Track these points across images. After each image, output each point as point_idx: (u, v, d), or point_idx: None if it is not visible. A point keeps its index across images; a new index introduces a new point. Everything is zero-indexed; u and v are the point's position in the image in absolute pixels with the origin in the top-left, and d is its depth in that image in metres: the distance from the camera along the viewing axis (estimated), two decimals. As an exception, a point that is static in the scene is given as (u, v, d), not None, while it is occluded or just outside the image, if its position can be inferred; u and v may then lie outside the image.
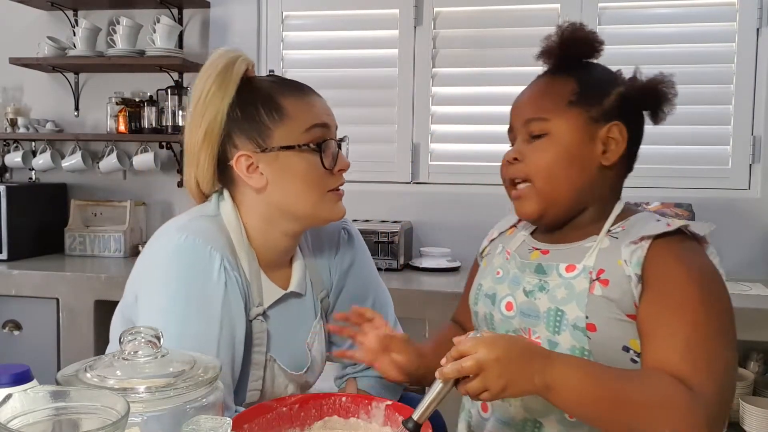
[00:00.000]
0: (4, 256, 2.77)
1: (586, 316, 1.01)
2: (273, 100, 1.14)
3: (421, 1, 2.82)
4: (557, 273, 1.07)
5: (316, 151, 1.13)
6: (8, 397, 0.67)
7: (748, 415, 2.11)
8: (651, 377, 0.93)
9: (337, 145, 1.18)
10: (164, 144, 2.99)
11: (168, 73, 2.96)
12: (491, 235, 1.29)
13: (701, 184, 2.63)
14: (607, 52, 1.14)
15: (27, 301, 2.60)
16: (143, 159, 2.96)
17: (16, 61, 2.91)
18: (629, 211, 1.11)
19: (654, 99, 1.09)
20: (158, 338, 0.83)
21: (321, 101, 1.19)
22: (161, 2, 2.89)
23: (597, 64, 1.14)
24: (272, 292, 1.20)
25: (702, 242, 1.04)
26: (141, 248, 2.90)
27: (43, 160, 3.02)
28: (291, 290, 1.23)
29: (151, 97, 2.97)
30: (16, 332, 2.64)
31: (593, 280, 1.02)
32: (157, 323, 1.00)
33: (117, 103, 2.96)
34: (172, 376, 0.79)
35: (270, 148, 1.13)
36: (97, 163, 3.00)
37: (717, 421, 0.91)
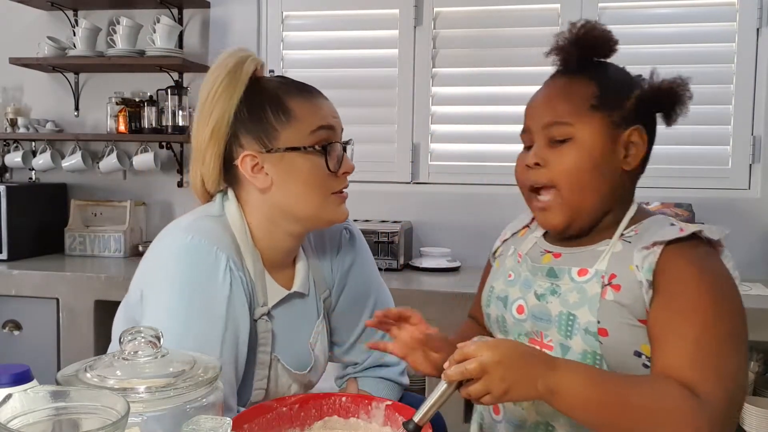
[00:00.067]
0: (4, 256, 2.77)
1: (598, 321, 1.00)
2: (280, 101, 1.14)
3: (421, 1, 2.82)
4: (569, 277, 1.06)
5: (321, 153, 1.14)
6: (8, 397, 0.67)
7: (748, 415, 2.10)
8: (656, 383, 0.93)
9: (342, 147, 1.18)
10: (164, 144, 2.99)
11: (168, 73, 2.96)
12: (504, 235, 1.27)
13: (701, 184, 2.63)
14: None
15: (27, 301, 2.60)
16: (143, 159, 2.96)
17: (16, 61, 2.91)
18: (642, 214, 1.10)
19: (670, 101, 1.07)
20: (158, 338, 0.83)
21: (328, 103, 1.19)
22: (161, 2, 2.89)
23: (612, 64, 1.12)
24: (276, 292, 1.20)
25: (716, 246, 1.03)
26: (141, 248, 2.91)
27: (43, 160, 3.02)
28: (294, 290, 1.23)
29: (151, 97, 2.97)
30: (16, 332, 2.64)
31: (605, 284, 1.02)
32: (162, 322, 1.01)
33: (117, 103, 2.96)
34: (172, 376, 0.79)
35: (275, 148, 1.13)
36: (97, 163, 3.00)
37: (724, 427, 0.90)
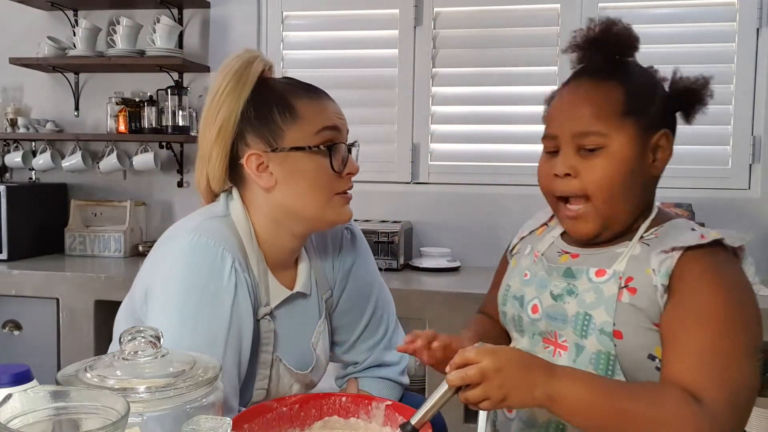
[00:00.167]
0: (4, 256, 2.77)
1: (614, 323, 1.00)
2: (287, 101, 1.15)
3: (421, 1, 2.82)
4: (587, 277, 1.05)
5: (325, 153, 1.14)
6: (8, 397, 0.67)
7: (748, 415, 2.10)
8: (657, 389, 0.93)
9: (347, 148, 1.18)
10: (164, 144, 2.99)
11: (168, 73, 2.96)
12: (522, 232, 1.26)
13: (701, 184, 2.62)
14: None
15: (27, 301, 2.60)
16: (143, 159, 2.95)
17: (16, 61, 2.91)
18: (663, 217, 1.08)
19: (692, 100, 1.06)
20: (158, 338, 0.83)
21: (334, 105, 1.19)
22: (161, 2, 2.89)
23: (635, 63, 1.09)
24: (279, 292, 1.21)
25: (738, 251, 1.02)
26: (141, 248, 2.92)
27: (43, 160, 3.02)
28: (297, 290, 1.23)
29: (151, 97, 2.97)
30: (16, 332, 2.64)
31: (622, 287, 1.01)
32: (166, 322, 1.01)
33: (117, 103, 2.96)
34: (172, 376, 0.79)
35: (281, 148, 1.13)
36: (97, 163, 3.00)
37: None
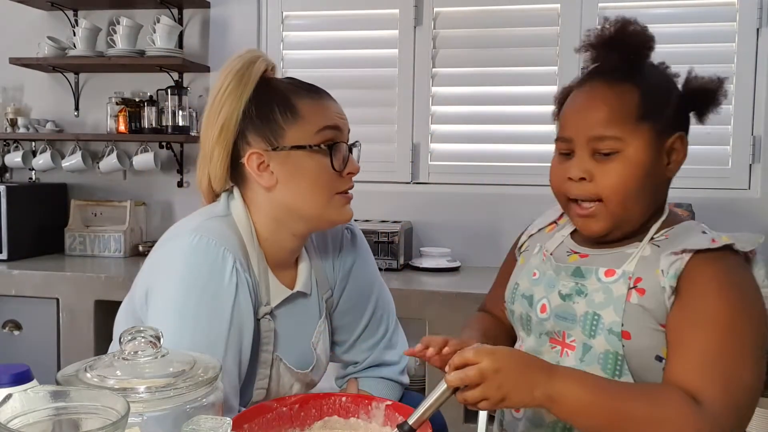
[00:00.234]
0: (4, 256, 2.77)
1: (622, 323, 1.00)
2: (288, 100, 1.15)
3: (421, 1, 2.82)
4: (596, 277, 1.05)
5: (326, 152, 1.14)
6: (8, 397, 0.67)
7: (748, 415, 2.10)
8: (657, 391, 0.93)
9: (348, 148, 1.18)
10: (164, 144, 2.99)
11: (168, 73, 2.96)
12: (530, 230, 1.26)
13: (701, 184, 2.62)
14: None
15: (27, 301, 2.60)
16: (143, 159, 2.95)
17: (16, 61, 2.91)
18: (674, 218, 1.09)
19: (708, 101, 1.07)
20: (158, 338, 0.83)
21: (335, 105, 1.19)
22: (161, 2, 2.89)
23: (650, 64, 1.09)
24: (279, 291, 1.21)
25: (750, 254, 1.02)
26: (141, 248, 2.91)
27: (43, 160, 3.02)
28: (297, 290, 1.23)
29: (151, 97, 2.97)
30: (16, 332, 2.64)
31: (630, 287, 1.01)
32: (167, 322, 1.01)
33: (117, 103, 2.96)
34: (172, 376, 0.79)
35: (281, 147, 1.14)
36: (97, 163, 3.00)
37: None
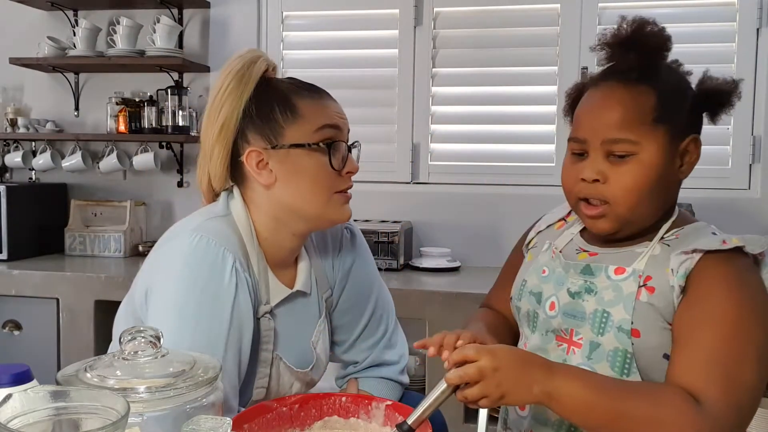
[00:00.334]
0: (4, 256, 2.77)
1: (632, 321, 1.00)
2: (288, 100, 1.16)
3: (421, 1, 2.82)
4: (606, 275, 1.06)
5: (325, 151, 1.14)
6: (8, 397, 0.67)
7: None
8: (658, 390, 0.93)
9: (347, 147, 1.18)
10: (164, 144, 2.99)
11: (168, 73, 2.96)
12: (539, 226, 1.25)
13: (701, 184, 2.61)
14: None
15: (27, 301, 2.60)
16: (143, 159, 2.95)
17: (16, 61, 2.91)
18: (684, 219, 1.09)
19: (722, 102, 1.07)
20: (158, 338, 0.83)
21: (335, 104, 1.20)
22: (161, 2, 2.88)
23: (666, 65, 1.08)
24: (279, 290, 1.21)
25: (759, 257, 1.02)
26: (141, 248, 2.91)
27: (43, 160, 3.02)
28: (297, 289, 1.23)
29: (151, 97, 2.97)
30: (16, 332, 2.64)
31: (641, 285, 1.02)
32: (167, 322, 1.01)
33: (117, 103, 2.96)
34: (172, 376, 0.79)
35: (280, 145, 1.14)
36: (97, 163, 3.00)
37: None
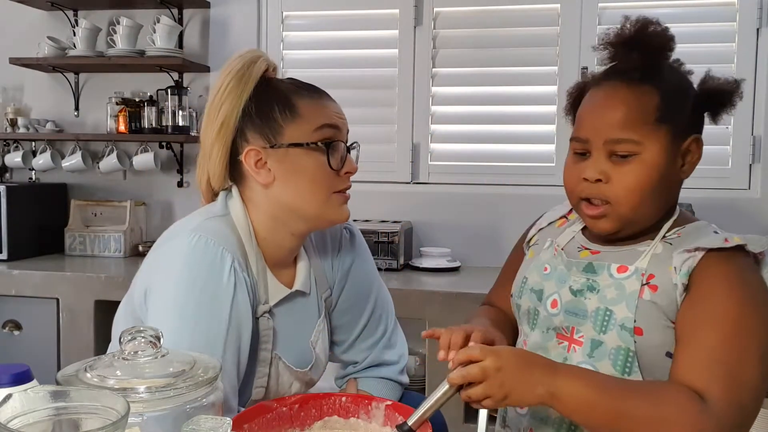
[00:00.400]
0: (4, 256, 2.77)
1: (635, 319, 1.01)
2: (288, 99, 1.16)
3: (421, 1, 2.82)
4: (608, 273, 1.06)
5: (323, 150, 1.15)
6: (8, 397, 0.67)
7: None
8: (660, 389, 0.93)
9: (346, 148, 1.19)
10: (164, 144, 2.99)
11: (168, 73, 2.96)
12: (540, 224, 1.25)
13: (701, 184, 2.61)
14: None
15: (27, 301, 2.60)
16: (143, 159, 2.95)
17: (16, 61, 2.91)
18: (685, 218, 1.10)
19: (723, 103, 1.07)
20: (158, 338, 0.83)
21: (335, 105, 1.20)
22: (161, 2, 2.88)
23: (669, 65, 1.08)
24: (278, 290, 1.21)
25: (759, 256, 1.03)
26: (141, 248, 2.91)
27: (43, 160, 3.02)
28: (296, 289, 1.23)
29: (151, 97, 2.97)
30: (16, 332, 2.64)
31: (643, 284, 1.02)
32: (166, 322, 1.01)
33: (117, 103, 2.96)
34: (172, 376, 0.79)
35: (279, 144, 1.14)
36: (97, 163, 3.00)
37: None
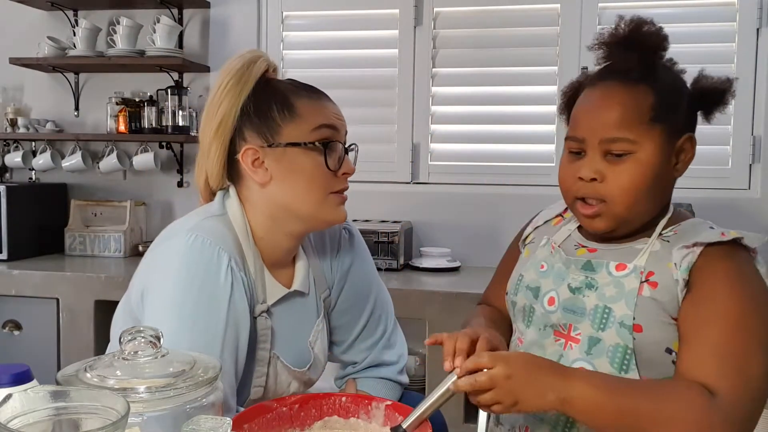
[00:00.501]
0: (4, 256, 2.77)
1: (634, 317, 1.01)
2: (287, 99, 1.16)
3: (421, 1, 2.82)
4: (607, 271, 1.06)
5: (321, 150, 1.15)
6: (8, 397, 0.67)
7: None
8: (670, 386, 0.94)
9: (344, 149, 1.18)
10: (164, 144, 2.99)
11: (168, 73, 2.96)
12: (536, 222, 1.26)
13: (701, 184, 2.62)
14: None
15: (27, 301, 2.60)
16: (143, 159, 2.95)
17: (16, 61, 2.91)
18: (679, 216, 1.10)
19: (716, 102, 1.08)
20: (158, 338, 0.83)
21: (333, 106, 1.20)
22: (161, 2, 2.88)
23: (663, 65, 1.09)
24: (276, 290, 1.21)
25: (752, 253, 1.04)
26: (141, 248, 2.91)
27: (43, 160, 3.02)
28: (294, 289, 1.23)
29: (151, 97, 2.97)
30: (16, 332, 2.64)
31: (642, 281, 1.02)
32: (163, 322, 1.01)
33: (117, 103, 2.96)
34: (172, 376, 0.79)
35: (277, 143, 1.14)
36: (97, 163, 3.00)
37: (742, 427, 0.91)
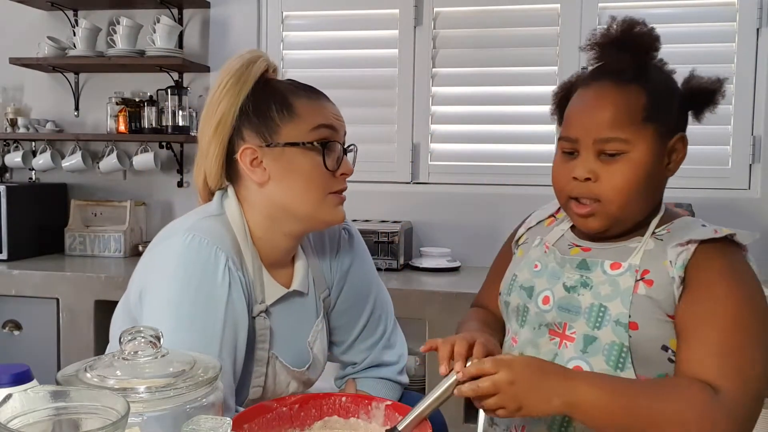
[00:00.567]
0: (4, 256, 2.77)
1: (629, 315, 1.02)
2: (286, 99, 1.16)
3: (421, 1, 2.82)
4: (601, 270, 1.07)
5: (319, 150, 1.15)
6: (8, 397, 0.67)
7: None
8: (673, 385, 0.94)
9: (342, 149, 1.18)
10: (164, 144, 2.99)
11: (168, 73, 2.96)
12: (529, 223, 1.26)
13: (701, 184, 2.62)
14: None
15: (27, 301, 2.60)
16: (143, 159, 2.96)
17: (16, 61, 2.91)
18: (671, 214, 1.11)
19: (706, 101, 1.09)
20: (158, 338, 0.83)
21: (333, 106, 1.20)
22: (161, 2, 2.89)
23: (655, 65, 1.10)
24: (275, 290, 1.21)
25: (743, 249, 1.04)
26: (141, 248, 2.91)
27: (43, 160, 3.02)
28: (293, 289, 1.23)
29: (151, 97, 2.97)
30: (16, 332, 2.64)
31: (638, 279, 1.03)
32: (161, 322, 1.01)
33: (117, 103, 2.96)
34: (172, 376, 0.79)
35: (275, 143, 1.14)
36: (97, 163, 3.00)
37: (744, 424, 0.92)
